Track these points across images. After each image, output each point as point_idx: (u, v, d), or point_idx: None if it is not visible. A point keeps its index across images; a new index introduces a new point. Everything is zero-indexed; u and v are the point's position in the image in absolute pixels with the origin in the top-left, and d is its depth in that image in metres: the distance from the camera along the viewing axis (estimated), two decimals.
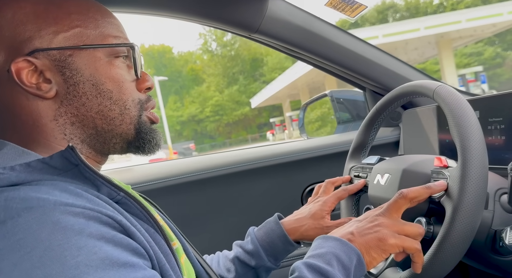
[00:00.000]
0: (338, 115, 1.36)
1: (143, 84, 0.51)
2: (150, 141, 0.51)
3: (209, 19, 0.90)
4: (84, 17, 0.47)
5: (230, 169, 1.05)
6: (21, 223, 0.33)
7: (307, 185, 1.13)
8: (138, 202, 0.44)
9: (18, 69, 0.43)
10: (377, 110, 0.76)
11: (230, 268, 0.72)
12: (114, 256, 0.34)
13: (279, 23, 0.92)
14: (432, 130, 0.93)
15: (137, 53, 0.50)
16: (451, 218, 0.52)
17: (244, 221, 1.09)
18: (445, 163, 0.59)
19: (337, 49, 1.00)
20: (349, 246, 0.51)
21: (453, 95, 0.57)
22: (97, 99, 0.47)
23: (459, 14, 13.17)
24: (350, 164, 0.82)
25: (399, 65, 1.07)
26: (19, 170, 0.39)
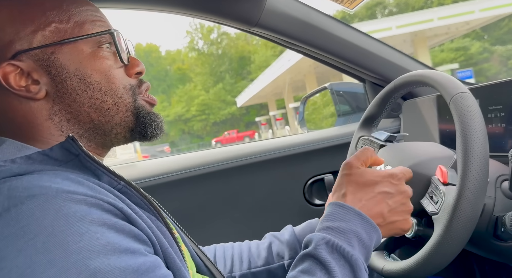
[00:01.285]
0: (338, 108, 1.36)
1: (132, 70, 0.51)
2: (151, 125, 0.50)
3: (208, 13, 0.90)
4: (58, 11, 0.46)
5: (231, 163, 1.06)
6: (25, 211, 0.34)
7: (308, 178, 1.14)
8: (139, 190, 0.44)
9: (4, 74, 0.43)
10: (395, 87, 0.74)
11: (261, 255, 0.72)
12: (116, 242, 0.35)
13: (278, 16, 0.92)
14: (432, 120, 0.94)
15: (119, 39, 0.49)
16: (436, 241, 0.53)
17: (246, 215, 1.09)
18: (445, 178, 0.58)
19: (337, 41, 1.00)
20: (370, 223, 0.49)
21: (468, 109, 0.54)
22: (87, 93, 0.46)
23: (431, 13, 13.28)
24: (360, 133, 0.82)
25: (398, 56, 1.07)
26: (20, 162, 0.39)
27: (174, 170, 1.01)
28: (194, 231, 0.79)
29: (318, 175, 1.14)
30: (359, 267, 0.45)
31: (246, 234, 1.09)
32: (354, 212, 0.50)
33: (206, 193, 1.05)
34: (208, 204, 1.06)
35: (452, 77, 0.60)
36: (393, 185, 0.53)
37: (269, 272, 0.71)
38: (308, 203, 1.14)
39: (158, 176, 0.99)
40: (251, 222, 1.10)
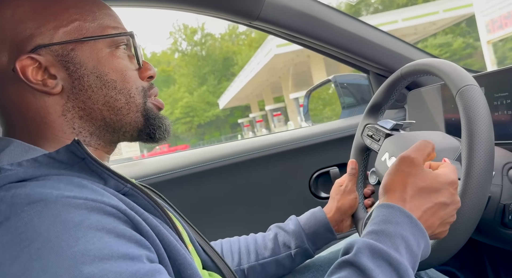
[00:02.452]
0: (342, 100, 1.35)
1: (146, 73, 0.51)
2: (160, 127, 0.51)
3: (208, 9, 0.90)
4: (81, 10, 0.47)
5: (237, 158, 1.06)
6: (24, 218, 0.33)
7: (314, 171, 1.14)
8: (145, 192, 0.44)
9: (22, 67, 0.43)
10: (402, 75, 0.73)
11: (267, 246, 0.73)
12: (114, 247, 0.34)
13: (279, 9, 0.92)
14: (437, 109, 0.93)
15: (137, 42, 0.50)
16: (459, 197, 0.52)
17: (253, 209, 1.10)
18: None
19: (339, 33, 0.99)
20: (420, 228, 0.44)
21: (475, 102, 0.53)
22: (102, 90, 0.47)
23: (396, 14, 13.53)
24: (366, 121, 0.81)
25: (402, 46, 1.06)
26: (26, 166, 0.39)
27: (179, 166, 1.01)
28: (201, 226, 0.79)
29: (323, 168, 1.14)
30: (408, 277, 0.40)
31: (253, 228, 1.10)
32: (402, 213, 0.44)
33: (212, 189, 1.06)
34: (214, 199, 1.06)
35: (459, 67, 0.59)
36: (451, 195, 0.48)
37: (277, 262, 0.72)
38: (314, 196, 1.14)
39: (164, 172, 0.99)
40: (258, 216, 1.10)
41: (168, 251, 0.41)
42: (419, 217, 0.46)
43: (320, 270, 0.76)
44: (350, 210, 0.75)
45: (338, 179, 0.80)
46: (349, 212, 0.76)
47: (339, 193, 0.77)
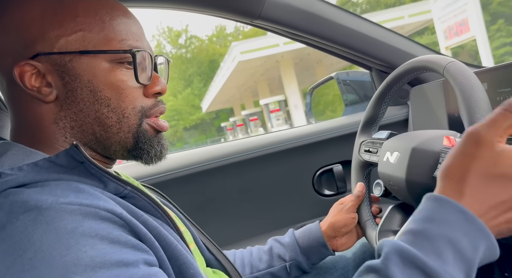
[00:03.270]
0: (345, 97, 1.35)
1: (151, 89, 0.49)
2: (148, 152, 0.49)
3: (210, 8, 0.90)
4: (90, 19, 0.45)
5: (241, 156, 1.06)
6: (18, 226, 0.34)
7: (317, 168, 1.14)
8: (146, 194, 0.44)
9: (21, 72, 0.43)
10: (388, 84, 0.75)
11: (262, 258, 0.74)
12: (107, 254, 0.34)
13: (281, 7, 0.92)
14: (440, 105, 0.92)
15: (142, 59, 0.47)
16: None
17: (257, 207, 1.10)
18: (453, 142, 0.58)
19: (341, 30, 0.99)
20: (478, 226, 0.34)
21: (463, 72, 0.56)
22: (94, 106, 0.45)
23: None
24: (361, 138, 0.82)
25: (404, 42, 1.06)
26: (27, 170, 0.39)
27: (184, 165, 1.02)
28: (205, 225, 0.80)
29: (327, 165, 1.14)
30: None
31: (257, 226, 1.10)
32: (454, 208, 0.35)
33: (216, 187, 1.06)
34: (218, 197, 1.07)
35: (439, 54, 0.61)
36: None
37: (272, 274, 0.73)
38: (318, 194, 1.14)
39: (169, 171, 1.00)
40: (262, 214, 1.10)
41: (169, 251, 0.41)
42: (482, 213, 0.35)
43: (345, 270, 0.77)
44: (344, 228, 0.75)
45: (342, 198, 0.80)
46: (343, 230, 0.75)
47: (336, 210, 0.77)
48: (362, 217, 0.77)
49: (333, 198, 1.14)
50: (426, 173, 0.61)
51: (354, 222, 0.76)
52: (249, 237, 1.09)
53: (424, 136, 0.66)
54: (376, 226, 0.74)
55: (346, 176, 1.14)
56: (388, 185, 0.71)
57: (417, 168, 0.63)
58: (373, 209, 0.78)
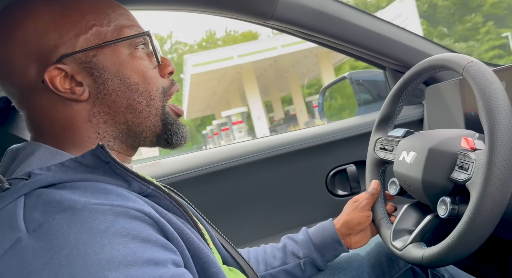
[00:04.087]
0: (358, 97, 1.34)
1: (166, 69, 0.52)
2: (177, 132, 0.51)
3: (223, 9, 0.91)
4: (97, 15, 0.47)
5: (254, 157, 1.07)
6: (54, 225, 0.35)
7: (330, 169, 1.13)
8: (168, 193, 0.45)
9: (51, 77, 0.45)
10: (405, 82, 0.74)
11: (276, 255, 0.74)
12: (138, 253, 0.35)
13: (294, 7, 0.92)
14: (456, 104, 0.91)
15: (154, 40, 0.50)
16: (475, 204, 0.52)
17: (271, 207, 1.10)
18: (472, 144, 0.57)
19: (355, 30, 0.98)
20: None
21: (483, 73, 0.55)
22: (126, 93, 0.48)
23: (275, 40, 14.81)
24: (376, 135, 0.81)
25: (419, 41, 1.05)
26: (55, 170, 0.41)
27: (197, 166, 1.03)
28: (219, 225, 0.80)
29: (340, 165, 1.13)
30: None
31: (270, 226, 1.10)
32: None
33: (229, 188, 1.07)
34: (232, 198, 1.07)
35: (459, 53, 0.60)
36: None
37: (286, 272, 0.73)
38: (331, 194, 1.14)
39: (182, 172, 1.01)
40: (276, 214, 1.11)
41: (192, 250, 0.42)
42: None
43: (360, 270, 0.76)
44: (358, 226, 0.75)
45: (356, 196, 0.80)
46: (357, 228, 0.75)
47: (351, 208, 0.77)
48: (377, 215, 0.76)
49: (347, 198, 1.13)
50: (443, 174, 0.61)
51: (369, 220, 0.75)
52: (262, 237, 1.09)
53: (441, 137, 0.65)
54: (391, 224, 0.73)
55: (360, 176, 1.13)
56: (404, 185, 0.71)
57: (434, 168, 0.62)
58: (388, 207, 0.78)
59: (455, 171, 0.59)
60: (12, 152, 0.47)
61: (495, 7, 19.16)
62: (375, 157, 0.80)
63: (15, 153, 0.46)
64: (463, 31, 21.42)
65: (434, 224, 0.65)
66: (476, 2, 21.38)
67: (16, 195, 0.38)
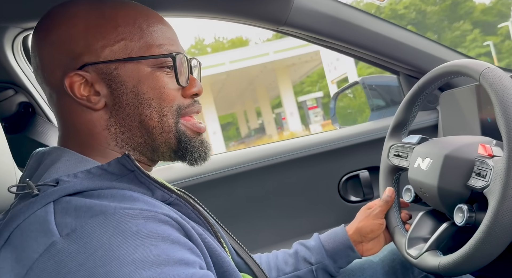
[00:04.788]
0: (371, 102, 1.33)
1: (189, 91, 0.51)
2: (192, 152, 0.50)
3: (236, 16, 0.92)
4: (130, 28, 0.48)
5: (266, 161, 1.07)
6: (87, 229, 0.36)
7: (343, 174, 1.13)
8: (188, 201, 0.46)
9: (71, 83, 0.46)
10: (419, 88, 0.73)
11: (288, 261, 0.74)
12: (170, 253, 0.36)
13: (307, 13, 0.92)
14: (472, 110, 0.90)
15: (180, 62, 0.50)
16: (494, 212, 0.51)
17: (282, 213, 1.10)
18: (489, 151, 0.57)
19: (368, 35, 0.98)
20: None
21: (501, 80, 0.54)
22: (138, 109, 0.48)
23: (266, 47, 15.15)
24: (390, 142, 0.80)
25: (434, 47, 1.04)
26: (82, 177, 0.42)
27: (209, 170, 1.03)
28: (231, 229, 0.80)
29: (353, 171, 1.13)
30: None
31: (282, 231, 1.10)
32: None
33: (242, 191, 1.07)
34: (244, 203, 1.08)
35: (473, 59, 0.60)
36: None
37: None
38: (344, 200, 1.13)
39: (195, 176, 1.02)
40: (287, 220, 1.10)
41: (214, 258, 0.43)
42: None
43: (373, 276, 0.76)
44: (371, 233, 0.74)
45: (370, 203, 0.79)
46: (370, 235, 0.74)
47: (364, 215, 0.76)
48: (391, 223, 0.75)
49: (359, 204, 1.12)
50: (459, 181, 0.60)
51: (382, 228, 0.74)
52: (274, 243, 1.09)
53: (457, 143, 0.64)
54: (406, 232, 0.72)
55: (373, 182, 1.12)
56: (419, 192, 0.70)
57: (450, 175, 0.61)
58: (403, 215, 0.77)
59: (472, 177, 0.58)
60: (38, 156, 0.48)
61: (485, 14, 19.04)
62: (389, 164, 0.79)
63: (41, 157, 0.47)
64: (452, 38, 21.49)
65: (450, 232, 0.64)
66: (465, 9, 21.40)
67: (45, 202, 0.39)
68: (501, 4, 22.52)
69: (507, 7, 22.93)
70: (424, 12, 23.62)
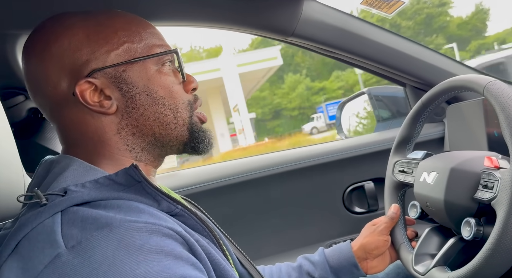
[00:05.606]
0: (377, 113, 1.33)
1: (189, 86, 0.54)
2: (203, 140, 0.53)
3: (244, 26, 0.93)
4: (128, 32, 0.49)
5: (270, 171, 1.07)
6: (92, 242, 0.37)
7: (348, 185, 1.12)
8: (195, 213, 0.46)
9: (81, 91, 0.46)
10: (423, 104, 0.74)
11: (291, 275, 0.73)
12: (171, 269, 0.36)
13: (315, 24, 0.93)
14: (479, 124, 0.90)
15: (180, 58, 0.52)
16: (503, 223, 0.50)
17: (287, 222, 1.10)
18: (496, 163, 0.57)
19: (375, 47, 0.98)
20: None
21: (505, 92, 0.55)
22: (153, 107, 0.49)
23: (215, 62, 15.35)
24: (394, 158, 0.80)
25: (441, 60, 1.04)
26: (89, 187, 0.42)
27: (213, 178, 1.04)
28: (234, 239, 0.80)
29: (358, 182, 1.12)
30: None
31: (285, 242, 1.10)
32: None
33: (245, 201, 1.07)
34: (248, 211, 1.07)
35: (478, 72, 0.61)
36: None
37: None
38: (348, 211, 1.12)
39: (199, 184, 1.02)
40: (291, 230, 1.10)
41: (218, 272, 0.43)
42: None
43: None
44: (375, 250, 0.73)
45: (375, 219, 0.78)
46: (375, 252, 0.73)
47: (368, 231, 0.75)
48: (397, 240, 0.74)
49: (364, 216, 1.12)
50: (466, 194, 0.59)
51: (387, 245, 0.73)
52: (277, 253, 1.08)
53: (463, 157, 0.64)
54: (412, 249, 0.71)
55: (378, 193, 1.12)
56: (425, 207, 0.69)
57: (457, 189, 0.61)
58: (409, 232, 0.76)
59: (479, 190, 0.58)
60: (46, 164, 0.48)
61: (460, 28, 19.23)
62: (394, 180, 0.79)
63: (49, 165, 0.48)
64: None
65: (458, 247, 0.64)
66: (439, 23, 21.52)
67: (53, 211, 0.40)
68: (476, 19, 22.88)
69: (482, 22, 23.19)
70: (399, 26, 24.04)
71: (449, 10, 23.08)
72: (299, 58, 29.35)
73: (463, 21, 22.20)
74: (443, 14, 22.76)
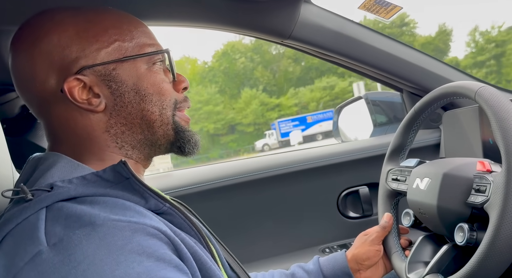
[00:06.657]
0: (374, 118, 1.33)
1: (180, 85, 0.53)
2: (189, 140, 0.53)
3: (242, 28, 0.92)
4: (119, 30, 0.49)
5: (265, 173, 1.06)
6: (74, 240, 0.36)
7: (342, 189, 1.12)
8: (182, 212, 0.46)
9: (70, 88, 0.46)
10: (416, 112, 0.74)
11: None
12: (153, 271, 0.35)
13: (312, 28, 0.93)
14: (474, 131, 0.89)
15: (172, 57, 0.52)
16: (496, 225, 0.50)
17: (279, 226, 1.09)
18: (488, 167, 0.57)
19: (372, 52, 0.98)
20: None
21: (496, 97, 0.55)
22: (140, 105, 0.49)
23: None
24: (388, 166, 0.80)
25: (438, 66, 1.04)
26: (76, 183, 0.42)
27: (208, 180, 1.03)
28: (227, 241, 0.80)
29: (352, 186, 1.12)
30: None
31: (278, 245, 1.09)
32: None
33: (239, 203, 1.06)
34: (241, 214, 1.07)
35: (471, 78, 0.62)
36: None
37: None
38: (342, 216, 1.12)
39: (192, 185, 1.01)
40: (284, 234, 1.09)
41: (204, 271, 0.42)
42: None
43: None
44: (367, 261, 0.71)
45: (368, 229, 0.77)
46: (366, 263, 0.72)
47: (360, 241, 0.74)
48: (390, 249, 0.73)
49: (358, 220, 1.11)
50: (459, 199, 0.59)
51: (378, 255, 0.72)
52: (270, 257, 1.08)
53: (456, 163, 0.64)
54: (406, 257, 0.70)
55: (372, 198, 1.11)
56: (418, 213, 0.69)
57: (449, 194, 0.61)
58: (402, 241, 0.75)
59: (472, 194, 0.58)
60: (34, 161, 0.48)
61: (423, 48, 20.06)
62: (387, 188, 0.78)
63: (36, 162, 0.47)
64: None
65: (451, 254, 0.63)
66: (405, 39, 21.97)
67: (39, 207, 0.39)
68: (439, 40, 23.49)
69: (445, 42, 23.61)
70: None
71: (413, 30, 23.72)
72: (259, 73, 28.80)
73: (426, 41, 22.69)
74: (405, 33, 23.29)
